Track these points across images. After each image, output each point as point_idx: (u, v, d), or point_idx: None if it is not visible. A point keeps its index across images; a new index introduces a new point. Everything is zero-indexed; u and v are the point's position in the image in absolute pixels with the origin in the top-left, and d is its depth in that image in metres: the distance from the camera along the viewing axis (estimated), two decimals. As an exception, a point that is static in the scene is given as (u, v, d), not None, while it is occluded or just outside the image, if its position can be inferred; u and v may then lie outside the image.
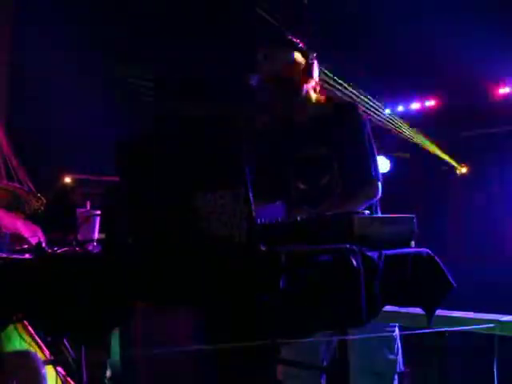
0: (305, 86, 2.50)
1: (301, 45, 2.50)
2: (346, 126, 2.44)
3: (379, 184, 2.45)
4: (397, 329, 2.31)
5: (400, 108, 6.82)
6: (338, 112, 2.48)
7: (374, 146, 2.47)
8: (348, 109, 2.50)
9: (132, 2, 5.25)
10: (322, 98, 2.57)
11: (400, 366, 2.29)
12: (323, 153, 2.45)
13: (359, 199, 2.39)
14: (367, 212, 1.82)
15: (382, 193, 2.46)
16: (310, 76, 2.49)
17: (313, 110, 2.53)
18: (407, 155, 6.32)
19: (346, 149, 2.43)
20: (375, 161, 2.46)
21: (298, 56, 2.48)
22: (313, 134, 2.48)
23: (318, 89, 2.56)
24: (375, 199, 2.45)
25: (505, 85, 6.01)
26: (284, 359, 2.14)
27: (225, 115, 1.45)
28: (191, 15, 5.31)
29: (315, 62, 2.51)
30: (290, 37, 2.51)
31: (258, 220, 1.59)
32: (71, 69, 5.07)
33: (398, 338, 2.32)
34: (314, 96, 2.55)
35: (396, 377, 2.28)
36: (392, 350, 2.29)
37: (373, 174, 2.43)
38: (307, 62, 2.48)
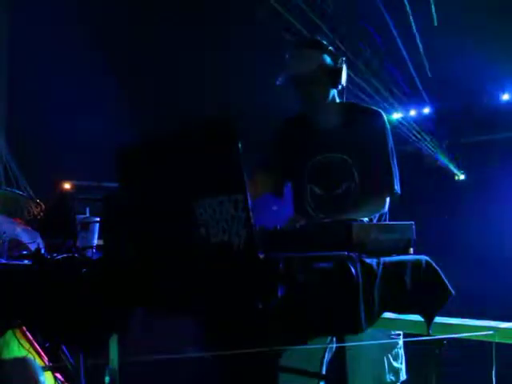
0: (331, 90, 2.45)
1: (330, 48, 2.44)
2: (371, 134, 2.39)
3: (395, 197, 2.40)
4: (401, 336, 2.29)
5: (399, 114, 6.84)
6: (364, 118, 2.43)
7: (396, 157, 2.42)
8: (374, 116, 2.43)
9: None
10: (348, 103, 2.51)
11: (403, 374, 2.28)
12: (344, 159, 2.41)
13: (372, 210, 2.35)
14: (366, 219, 1.82)
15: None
16: (338, 80, 2.42)
17: (337, 115, 2.47)
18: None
19: (369, 157, 2.37)
20: (396, 172, 2.41)
21: (326, 59, 2.41)
22: (336, 139, 2.43)
23: (344, 94, 2.50)
24: (384, 211, 2.41)
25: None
26: (284, 366, 2.14)
27: (223, 120, 1.46)
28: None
29: (344, 67, 2.44)
30: (319, 39, 2.45)
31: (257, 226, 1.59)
32: (72, 74, 5.08)
33: (402, 345, 2.31)
34: (339, 101, 2.49)
35: None
36: (397, 358, 2.27)
37: (395, 187, 2.39)
38: (336, 66, 2.41)
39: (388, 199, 2.42)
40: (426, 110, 6.72)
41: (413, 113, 6.85)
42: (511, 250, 5.86)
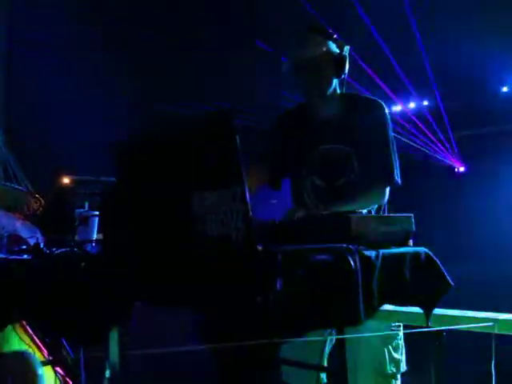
0: (334, 79, 2.42)
1: (336, 36, 2.40)
2: (372, 125, 2.37)
3: (396, 187, 2.39)
4: (401, 328, 2.30)
5: (398, 107, 6.82)
6: (364, 109, 2.41)
7: (396, 148, 2.41)
8: (375, 107, 2.41)
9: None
10: (349, 94, 2.50)
11: (404, 366, 2.28)
12: (345, 150, 2.39)
13: (373, 201, 2.35)
14: (364, 211, 1.82)
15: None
16: (341, 69, 2.39)
17: (339, 105, 2.45)
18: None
19: (370, 148, 2.36)
20: (397, 163, 2.39)
21: (331, 46, 2.38)
22: (336, 130, 2.41)
23: (344, 85, 2.47)
24: (384, 202, 2.41)
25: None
26: (285, 359, 2.14)
27: (221, 114, 1.46)
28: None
29: (347, 57, 2.40)
30: (324, 26, 2.42)
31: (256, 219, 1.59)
32: (71, 69, 5.07)
33: (402, 336, 2.31)
34: (340, 92, 2.47)
35: (399, 376, 2.27)
36: (397, 350, 2.26)
37: (395, 177, 2.38)
38: (340, 55, 2.38)
39: (388, 190, 2.41)
40: (426, 103, 6.71)
41: (412, 105, 6.83)
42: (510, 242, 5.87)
